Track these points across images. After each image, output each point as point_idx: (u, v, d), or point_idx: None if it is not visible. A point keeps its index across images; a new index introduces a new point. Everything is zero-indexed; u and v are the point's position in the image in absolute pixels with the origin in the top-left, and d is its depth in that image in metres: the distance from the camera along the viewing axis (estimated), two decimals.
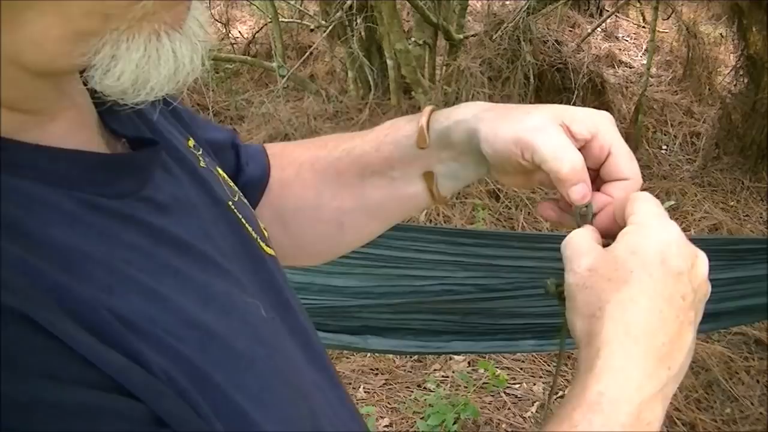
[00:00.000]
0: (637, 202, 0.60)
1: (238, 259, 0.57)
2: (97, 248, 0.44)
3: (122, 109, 0.48)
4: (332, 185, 0.76)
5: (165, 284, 0.46)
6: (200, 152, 0.64)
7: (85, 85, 0.48)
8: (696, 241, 0.60)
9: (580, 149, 0.63)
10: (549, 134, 0.62)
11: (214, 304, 0.49)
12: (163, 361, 0.42)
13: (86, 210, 0.45)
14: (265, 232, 0.66)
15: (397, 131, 0.73)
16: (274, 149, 0.80)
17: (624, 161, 0.63)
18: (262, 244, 0.63)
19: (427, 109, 0.71)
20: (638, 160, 0.65)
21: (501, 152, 0.64)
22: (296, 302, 0.63)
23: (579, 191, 0.61)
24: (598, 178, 0.65)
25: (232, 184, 0.66)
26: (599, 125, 0.63)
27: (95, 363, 0.38)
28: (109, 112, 0.53)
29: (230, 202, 0.62)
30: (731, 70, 5.14)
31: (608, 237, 0.61)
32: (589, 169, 0.63)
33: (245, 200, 0.67)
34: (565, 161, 0.61)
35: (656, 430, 0.54)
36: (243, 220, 0.62)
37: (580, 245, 0.59)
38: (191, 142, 0.64)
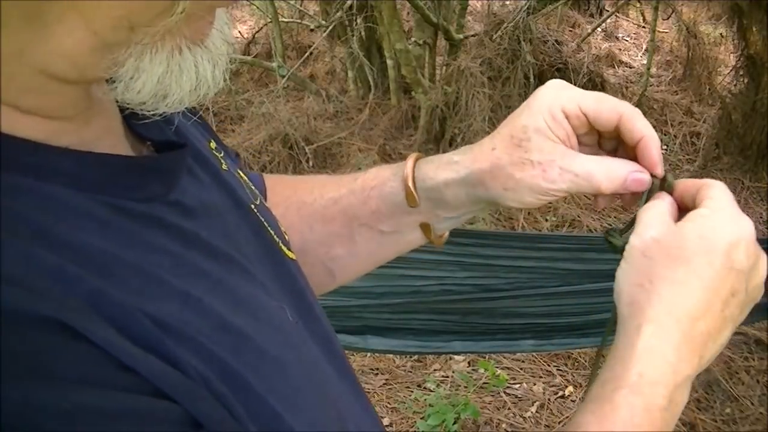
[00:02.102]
0: (714, 189, 0.59)
1: (262, 262, 0.57)
2: (129, 252, 0.44)
3: (147, 116, 0.49)
4: (319, 233, 0.75)
5: (197, 287, 0.46)
6: (222, 155, 0.64)
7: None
8: None
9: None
10: (566, 164, 0.61)
11: (245, 307, 0.48)
12: (198, 363, 0.42)
13: (116, 214, 0.45)
14: (286, 236, 0.66)
15: (383, 185, 0.71)
16: (269, 182, 0.79)
17: (637, 122, 0.62)
18: (284, 248, 0.62)
19: (410, 162, 0.70)
20: None
21: (532, 203, 0.64)
22: (319, 307, 0.62)
23: (636, 184, 0.61)
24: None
25: (253, 187, 0.66)
26: (580, 99, 0.63)
27: (133, 367, 0.39)
28: (134, 116, 0.53)
29: (252, 205, 0.61)
30: (731, 70, 5.14)
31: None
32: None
33: (266, 204, 0.67)
34: (596, 180, 0.61)
35: (681, 410, 0.55)
36: (265, 223, 0.61)
37: (655, 214, 0.59)
38: (213, 145, 0.64)
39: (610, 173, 0.61)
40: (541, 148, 0.62)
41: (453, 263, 1.80)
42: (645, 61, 5.56)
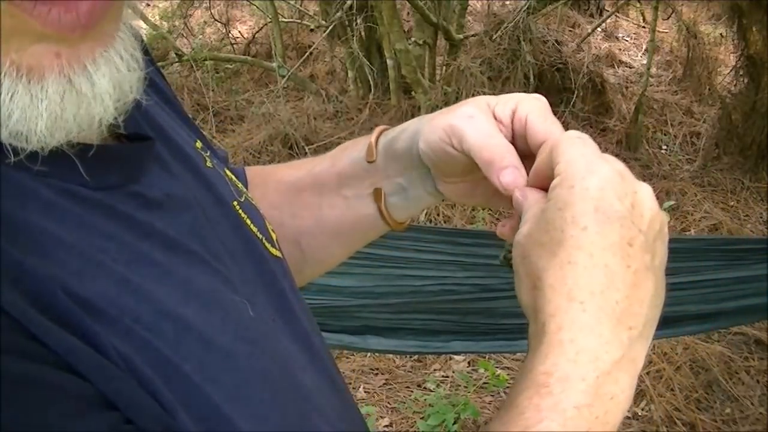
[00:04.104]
0: (560, 146, 0.53)
1: (237, 259, 0.56)
2: (71, 234, 0.43)
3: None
4: (293, 205, 0.76)
5: (141, 274, 0.46)
6: (208, 154, 0.64)
7: None
8: (696, 241, 0.59)
9: (516, 139, 0.60)
10: (477, 121, 0.60)
11: (196, 299, 0.48)
12: (126, 348, 0.42)
13: (63, 197, 0.45)
14: (273, 234, 0.66)
15: (354, 147, 0.74)
16: (251, 171, 0.80)
17: (538, 123, 0.58)
18: (268, 245, 0.62)
19: (383, 126, 0.72)
20: (638, 160, 0.65)
21: (433, 144, 0.63)
22: (301, 307, 0.62)
23: (507, 176, 0.57)
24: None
25: (240, 185, 0.66)
26: (519, 102, 0.61)
27: (41, 338, 0.38)
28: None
29: (235, 203, 0.62)
30: (731, 70, 5.15)
31: None
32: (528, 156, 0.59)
33: (253, 202, 0.67)
34: (488, 145, 0.58)
35: (626, 400, 0.49)
36: (248, 220, 0.61)
37: (531, 206, 0.54)
38: (199, 144, 0.64)
39: (496, 144, 0.59)
40: (471, 103, 0.62)
41: (453, 263, 1.80)
42: (645, 61, 5.56)
